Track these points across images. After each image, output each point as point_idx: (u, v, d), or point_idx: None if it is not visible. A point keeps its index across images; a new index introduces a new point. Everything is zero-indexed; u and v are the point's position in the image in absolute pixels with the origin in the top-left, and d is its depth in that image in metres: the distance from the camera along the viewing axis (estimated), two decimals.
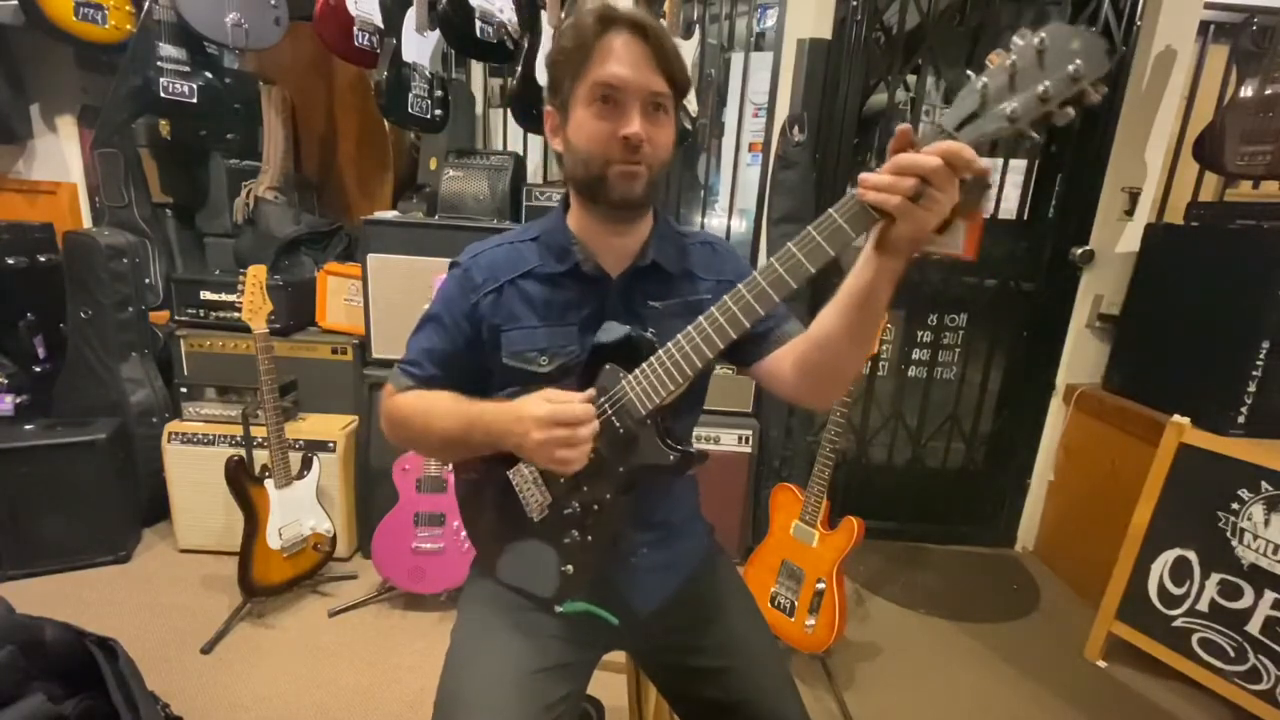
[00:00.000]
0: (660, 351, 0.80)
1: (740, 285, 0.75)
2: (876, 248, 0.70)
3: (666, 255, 0.93)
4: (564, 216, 0.93)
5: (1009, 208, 2.50)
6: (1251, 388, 1.85)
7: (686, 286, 0.94)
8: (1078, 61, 0.59)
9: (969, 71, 0.65)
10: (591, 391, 0.81)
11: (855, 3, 2.17)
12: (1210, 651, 1.75)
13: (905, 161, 0.64)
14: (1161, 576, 1.85)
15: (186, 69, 2.16)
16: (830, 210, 0.70)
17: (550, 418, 0.75)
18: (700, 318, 0.78)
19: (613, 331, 0.84)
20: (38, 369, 2.35)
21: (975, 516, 2.68)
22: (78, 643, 1.02)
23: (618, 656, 1.08)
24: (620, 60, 0.80)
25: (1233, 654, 1.70)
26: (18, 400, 2.23)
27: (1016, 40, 0.63)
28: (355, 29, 2.13)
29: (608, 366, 0.83)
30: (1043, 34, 0.61)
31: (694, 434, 1.08)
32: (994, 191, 2.43)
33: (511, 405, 0.80)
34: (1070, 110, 0.62)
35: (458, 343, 0.92)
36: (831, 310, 0.79)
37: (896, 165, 0.65)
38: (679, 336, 0.79)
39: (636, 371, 0.81)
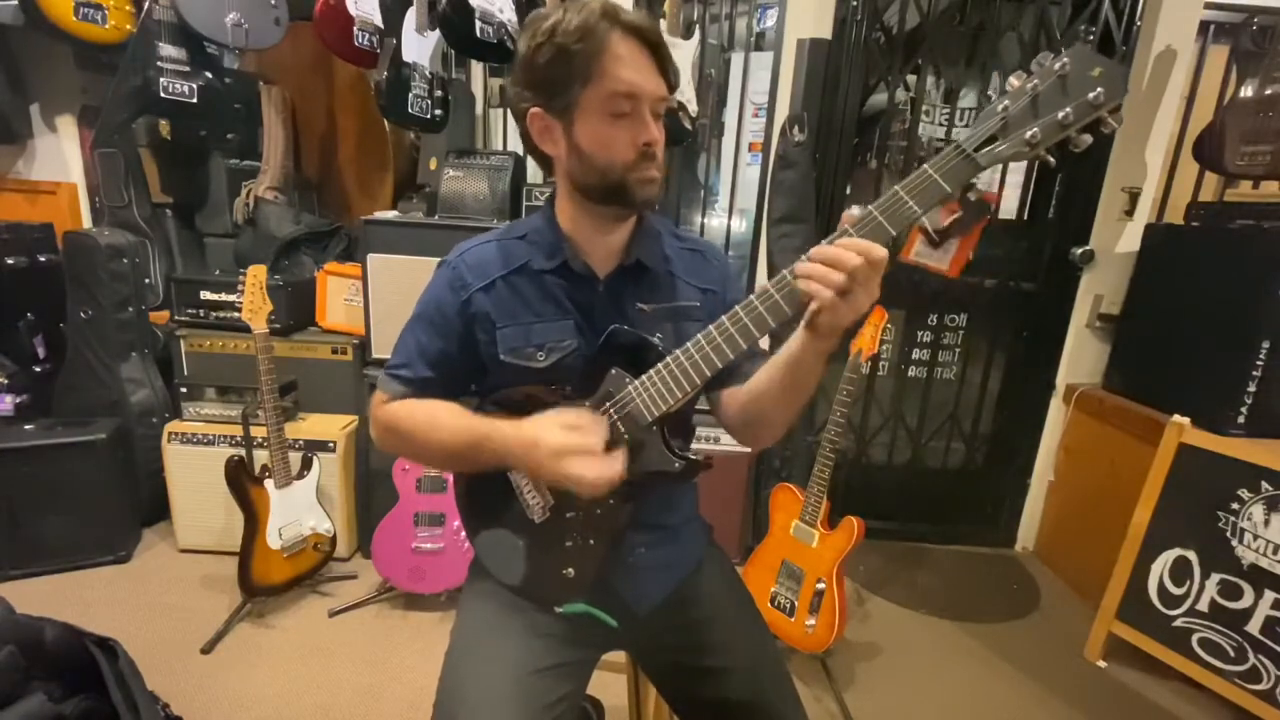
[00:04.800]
0: (668, 359, 0.80)
1: (752, 297, 0.76)
2: (806, 328, 0.75)
3: (650, 253, 0.93)
4: (552, 215, 0.93)
5: (1009, 208, 2.50)
6: (1251, 388, 1.85)
7: (673, 290, 0.94)
8: (1099, 89, 0.60)
9: (990, 92, 0.67)
10: (605, 422, 0.79)
11: (855, 3, 2.17)
12: (1210, 651, 1.75)
13: (831, 256, 0.68)
14: (1161, 576, 1.85)
15: (186, 69, 2.16)
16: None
17: (566, 449, 0.75)
18: (710, 327, 0.78)
19: (620, 336, 0.84)
20: (38, 369, 2.35)
21: (975, 516, 2.68)
22: (78, 643, 1.02)
23: (618, 656, 1.08)
24: (634, 67, 0.79)
25: (1233, 654, 1.70)
26: (18, 400, 2.23)
27: (1038, 63, 0.63)
28: (355, 29, 2.13)
29: (613, 371, 0.83)
30: (1065, 58, 0.61)
31: (694, 436, 1.08)
32: (992, 190, 2.43)
33: (525, 430, 0.79)
34: (1088, 136, 0.63)
35: (450, 341, 0.92)
36: (767, 370, 0.85)
37: (823, 256, 0.69)
38: (688, 345, 0.79)
39: (644, 378, 0.81)
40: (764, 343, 0.76)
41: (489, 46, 2.07)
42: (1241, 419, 1.87)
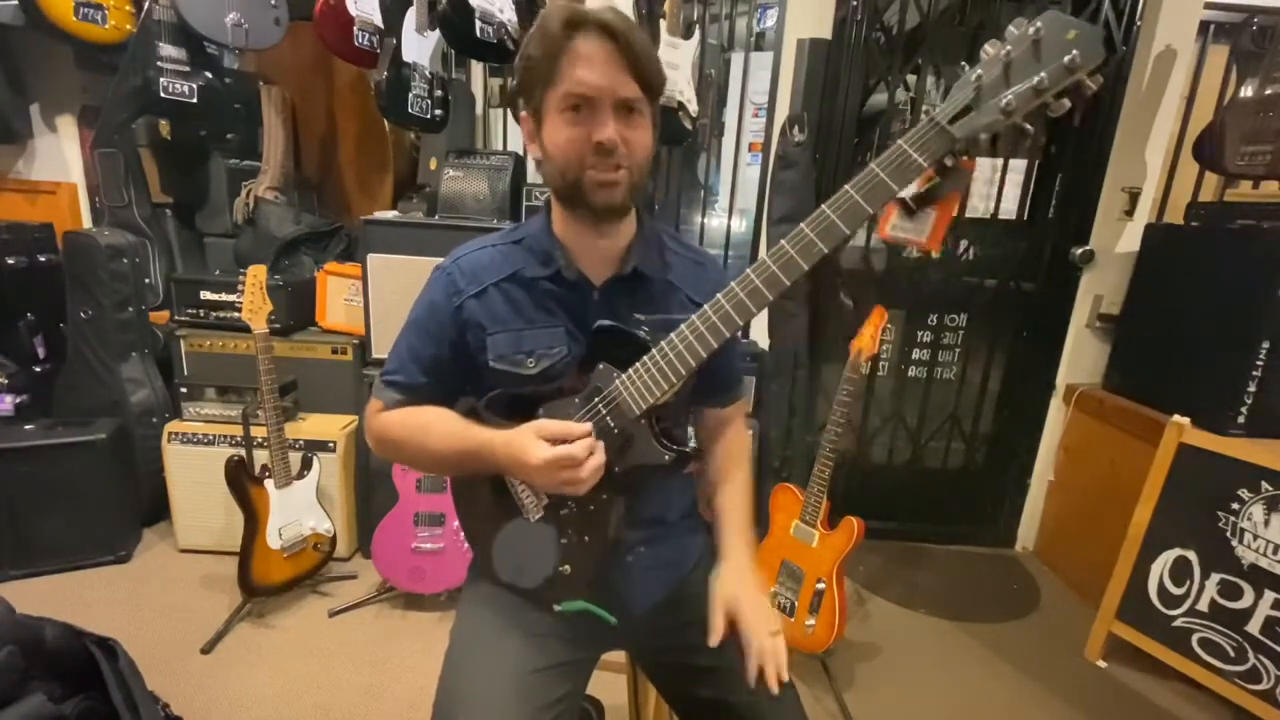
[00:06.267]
0: (654, 350, 0.80)
1: (734, 284, 0.76)
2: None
3: (649, 262, 0.92)
4: (548, 220, 0.93)
5: (1009, 208, 2.50)
6: (1251, 388, 1.85)
7: (670, 301, 0.93)
8: (1074, 52, 0.58)
9: (964, 63, 0.66)
10: (588, 426, 0.80)
11: (855, 3, 2.16)
12: (1210, 651, 1.75)
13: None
14: (1161, 576, 1.85)
15: (186, 69, 2.16)
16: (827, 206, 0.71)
17: (551, 463, 0.76)
18: (694, 316, 0.78)
19: (607, 330, 0.84)
20: (38, 369, 2.35)
21: (975, 516, 2.67)
22: (78, 643, 1.02)
23: (617, 656, 1.08)
24: (588, 66, 0.78)
25: (1233, 654, 1.70)
26: (18, 400, 2.23)
27: (1012, 30, 0.62)
28: (355, 29, 2.13)
29: (601, 365, 0.83)
30: (1038, 23, 0.60)
31: (690, 433, 1.09)
32: (992, 189, 2.43)
33: (511, 445, 0.79)
34: (1066, 101, 0.61)
35: (443, 346, 0.92)
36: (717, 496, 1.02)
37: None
38: (672, 335, 0.79)
39: (630, 371, 0.81)
40: (764, 340, 0.76)
41: (489, 46, 2.07)
42: (1241, 419, 1.87)
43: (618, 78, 0.79)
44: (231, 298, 2.22)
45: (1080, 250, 2.34)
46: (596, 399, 0.83)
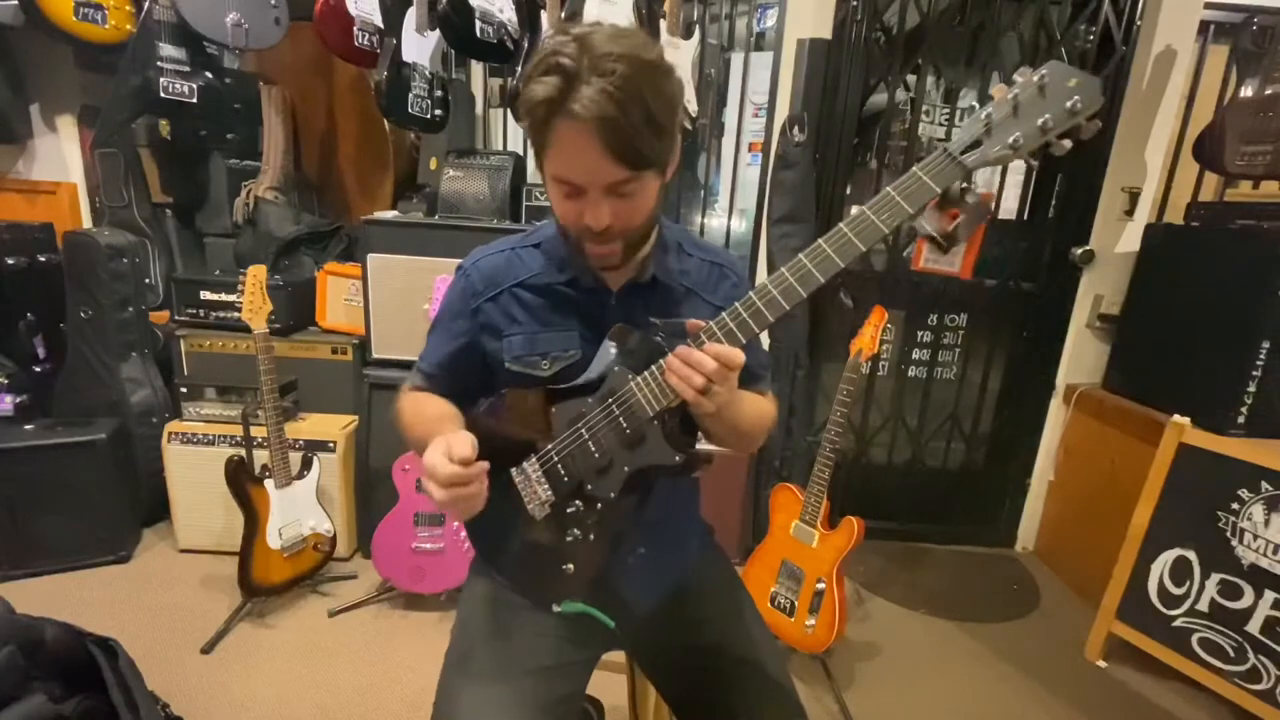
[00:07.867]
0: (669, 355, 0.80)
1: (751, 294, 0.76)
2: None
3: (667, 269, 0.93)
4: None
5: (1009, 207, 2.50)
6: (1251, 387, 1.85)
7: (688, 307, 0.93)
8: (1075, 98, 0.66)
9: (974, 103, 0.71)
10: (474, 456, 0.79)
11: (855, 3, 2.16)
12: (1210, 651, 1.75)
13: (695, 359, 0.73)
14: (1161, 576, 1.85)
15: (186, 69, 2.16)
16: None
17: (452, 479, 0.75)
18: (710, 322, 0.78)
19: (622, 332, 0.84)
20: (38, 369, 2.35)
21: (975, 516, 2.68)
22: (78, 643, 1.02)
23: (618, 656, 1.08)
24: (571, 157, 0.75)
25: (1233, 654, 1.70)
26: (18, 400, 2.23)
27: (1018, 77, 0.69)
28: (355, 29, 2.13)
29: (617, 368, 0.83)
30: (1044, 71, 0.68)
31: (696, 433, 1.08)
32: (992, 190, 2.43)
33: (429, 453, 0.78)
34: (1067, 142, 0.68)
35: (458, 344, 0.95)
36: None
37: (687, 358, 0.74)
38: (688, 340, 0.79)
39: (645, 373, 0.81)
40: (764, 340, 0.76)
41: (489, 46, 2.07)
42: (1241, 419, 1.87)
43: (602, 167, 0.74)
44: (231, 298, 2.22)
45: (1080, 250, 2.34)
46: (610, 399, 0.83)
